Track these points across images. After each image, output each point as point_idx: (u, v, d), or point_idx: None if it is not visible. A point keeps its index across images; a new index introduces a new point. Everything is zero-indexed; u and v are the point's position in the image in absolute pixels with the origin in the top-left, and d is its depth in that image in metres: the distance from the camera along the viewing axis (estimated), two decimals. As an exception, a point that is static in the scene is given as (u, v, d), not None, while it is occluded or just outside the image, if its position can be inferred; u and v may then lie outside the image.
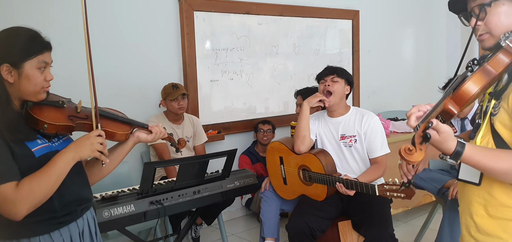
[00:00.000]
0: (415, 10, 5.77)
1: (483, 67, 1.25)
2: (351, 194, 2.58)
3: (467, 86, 1.24)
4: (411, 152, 1.23)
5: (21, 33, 1.47)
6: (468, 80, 1.24)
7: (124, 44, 3.66)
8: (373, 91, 5.43)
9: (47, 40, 1.52)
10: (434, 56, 6.01)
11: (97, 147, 1.53)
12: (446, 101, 1.26)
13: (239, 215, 4.44)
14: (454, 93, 1.26)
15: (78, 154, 1.49)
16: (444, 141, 1.24)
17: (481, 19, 1.33)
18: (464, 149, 1.24)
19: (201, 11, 3.97)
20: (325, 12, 4.83)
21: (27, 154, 1.45)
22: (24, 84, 1.45)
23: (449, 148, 1.24)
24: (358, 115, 2.86)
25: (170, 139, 1.98)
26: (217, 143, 4.15)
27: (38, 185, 1.40)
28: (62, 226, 1.54)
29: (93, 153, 1.52)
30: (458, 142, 1.25)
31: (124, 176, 3.23)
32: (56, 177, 1.44)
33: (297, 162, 2.93)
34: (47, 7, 3.27)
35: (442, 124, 1.24)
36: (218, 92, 4.17)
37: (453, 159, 1.25)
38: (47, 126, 1.49)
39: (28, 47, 1.45)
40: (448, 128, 1.24)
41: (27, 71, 1.44)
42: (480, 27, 1.34)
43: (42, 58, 1.47)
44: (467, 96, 1.24)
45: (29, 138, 1.48)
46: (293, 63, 4.65)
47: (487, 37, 1.34)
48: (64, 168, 1.46)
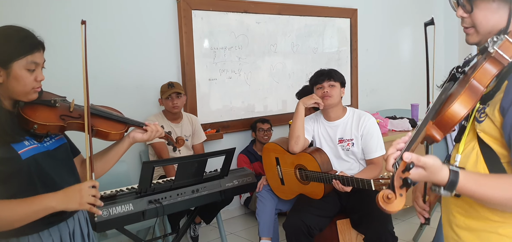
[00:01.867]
0: (413, 9, 5.77)
1: (469, 84, 1.11)
2: (347, 190, 2.59)
3: (453, 110, 1.09)
4: (390, 200, 1.02)
5: (11, 32, 1.44)
6: (455, 102, 1.09)
7: (122, 43, 3.65)
8: (372, 89, 5.44)
9: (40, 40, 1.48)
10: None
11: (88, 199, 1.44)
12: (428, 127, 1.11)
13: (237, 214, 4.44)
14: (437, 116, 1.11)
15: (61, 206, 1.42)
16: (433, 174, 1.08)
17: (468, 11, 1.23)
18: (458, 178, 1.08)
19: (199, 10, 3.97)
20: (323, 11, 4.83)
21: (12, 156, 1.42)
22: (12, 85, 1.42)
23: (441, 179, 1.09)
24: (355, 118, 2.85)
25: (168, 137, 1.95)
26: (216, 141, 4.15)
27: (3, 212, 1.36)
28: (51, 226, 1.52)
29: (82, 206, 1.44)
30: (450, 171, 1.08)
31: (123, 175, 3.23)
32: (23, 215, 1.38)
33: (293, 162, 2.93)
34: (45, 7, 3.26)
35: (425, 158, 1.05)
36: (216, 91, 4.17)
37: (448, 190, 1.09)
38: (37, 126, 1.47)
39: (16, 47, 1.41)
40: (434, 159, 1.06)
41: (16, 71, 1.41)
42: (465, 20, 1.24)
43: (32, 59, 1.43)
44: (452, 121, 1.10)
45: (15, 139, 1.44)
46: (292, 61, 4.65)
47: (472, 32, 1.25)
48: (37, 212, 1.40)
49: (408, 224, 4.03)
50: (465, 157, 1.24)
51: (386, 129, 4.24)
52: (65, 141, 1.65)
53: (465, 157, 1.24)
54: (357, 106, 5.19)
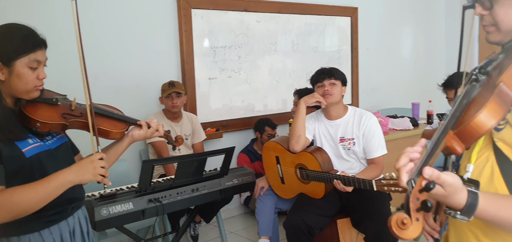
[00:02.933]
0: (413, 7, 5.76)
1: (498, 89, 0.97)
2: (349, 190, 2.58)
3: (479, 120, 0.94)
4: (405, 226, 0.87)
5: (14, 30, 1.44)
6: (482, 111, 0.94)
7: (122, 42, 3.65)
8: (372, 88, 5.43)
9: (42, 38, 1.48)
10: (433, 53, 6.01)
11: (99, 171, 1.48)
12: (448, 137, 0.97)
13: (238, 213, 4.44)
14: (459, 126, 0.98)
15: (78, 178, 1.45)
16: (450, 195, 0.95)
17: (487, 8, 1.12)
18: (478, 201, 0.95)
19: (199, 9, 3.96)
20: (324, 9, 4.82)
21: (16, 154, 1.42)
22: (15, 83, 1.43)
23: (459, 202, 0.96)
24: (356, 117, 2.84)
25: (167, 136, 1.96)
26: (216, 140, 4.14)
27: (20, 197, 1.36)
28: (52, 225, 1.53)
29: (95, 177, 1.48)
30: (469, 193, 0.96)
31: (123, 174, 3.23)
32: (44, 194, 1.39)
33: (293, 161, 2.92)
34: (46, 4, 3.26)
35: (445, 175, 0.92)
36: (216, 90, 4.16)
37: (465, 216, 0.96)
38: (40, 125, 1.47)
39: (19, 45, 1.42)
40: (454, 178, 0.93)
41: (18, 69, 1.41)
42: (485, 18, 1.13)
43: (34, 57, 1.44)
44: (478, 134, 0.95)
45: (19, 137, 1.45)
46: (292, 60, 4.64)
47: (493, 30, 1.13)
48: (57, 188, 1.42)
49: (408, 223, 4.01)
50: (478, 169, 1.12)
51: (387, 127, 4.23)
52: (66, 140, 1.66)
53: (478, 169, 1.12)
54: (358, 105, 5.18)
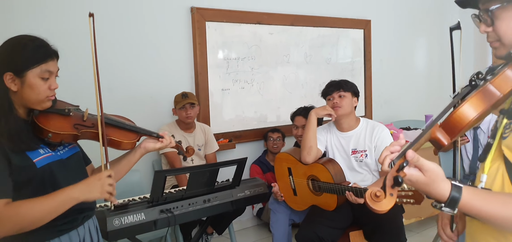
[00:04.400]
0: (427, 19, 5.73)
1: (484, 87, 1.04)
2: (361, 202, 2.56)
3: (461, 112, 1.01)
4: (378, 198, 0.95)
5: (26, 41, 1.46)
6: (464, 104, 1.02)
7: (137, 54, 3.70)
8: (385, 100, 5.40)
9: (54, 49, 1.50)
10: (447, 65, 5.93)
11: (107, 188, 1.47)
12: (434, 129, 1.03)
13: (250, 225, 4.42)
14: (445, 119, 1.04)
15: (84, 195, 1.44)
16: (431, 183, 0.98)
17: (490, 25, 1.15)
18: (461, 194, 0.98)
19: (213, 22, 4.00)
20: (337, 22, 4.82)
21: (28, 164, 1.43)
22: (27, 93, 1.44)
23: (441, 193, 0.99)
24: (369, 129, 2.83)
25: (178, 146, 1.95)
26: (228, 151, 4.15)
27: (26, 211, 1.36)
28: (62, 234, 1.52)
29: (102, 195, 1.46)
30: (452, 185, 0.99)
31: (136, 184, 3.25)
32: (49, 209, 1.39)
33: (305, 172, 2.91)
34: (60, 18, 3.32)
35: (425, 160, 0.97)
36: (229, 101, 4.18)
37: (449, 208, 0.99)
38: (51, 135, 1.48)
39: (31, 56, 1.43)
40: (435, 166, 0.98)
41: (30, 80, 1.43)
42: (490, 34, 1.16)
43: (46, 67, 1.45)
44: (460, 125, 1.01)
45: (30, 147, 1.45)
46: (305, 72, 4.65)
47: (498, 45, 1.16)
48: (63, 204, 1.41)
49: (422, 236, 3.96)
50: (490, 179, 1.14)
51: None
52: (78, 150, 1.67)
53: (490, 178, 1.14)
54: (371, 117, 5.15)
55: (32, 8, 3.21)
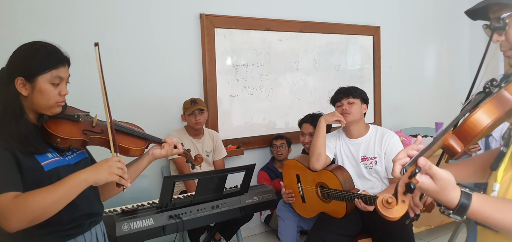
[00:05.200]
0: (437, 26, 5.70)
1: (498, 94, 1.02)
2: (370, 209, 2.54)
3: (474, 119, 1.00)
4: (390, 205, 0.94)
5: (38, 47, 1.47)
6: (477, 110, 1.00)
7: (146, 60, 3.72)
8: (395, 107, 5.37)
9: (65, 56, 1.52)
10: (457, 72, 5.91)
11: (116, 170, 1.47)
12: (447, 136, 1.03)
13: (258, 231, 4.41)
14: (458, 126, 1.03)
15: (92, 177, 1.43)
16: (441, 190, 0.97)
17: (501, 33, 1.14)
18: (470, 201, 0.97)
19: (222, 28, 4.01)
20: (346, 29, 4.82)
21: (36, 167, 1.44)
22: (37, 98, 1.46)
23: (451, 200, 0.98)
24: (378, 135, 2.82)
25: (186, 154, 1.94)
26: (236, 158, 4.15)
27: (35, 200, 1.35)
28: (68, 239, 1.52)
29: (111, 175, 1.46)
30: (462, 193, 0.98)
31: (145, 190, 3.26)
32: (59, 195, 1.38)
33: (314, 179, 2.90)
34: (71, 23, 3.35)
35: (437, 168, 0.96)
36: (237, 108, 4.18)
37: (458, 215, 0.98)
38: (60, 140, 1.49)
39: (42, 62, 1.45)
40: (447, 174, 0.97)
41: (40, 85, 1.45)
42: (503, 43, 1.16)
43: (56, 73, 1.47)
44: (473, 132, 1.00)
45: (39, 151, 1.47)
46: (313, 79, 4.64)
47: (511, 54, 1.16)
48: (72, 189, 1.40)
49: (432, 245, 3.92)
50: (503, 187, 1.13)
51: (409, 147, 4.16)
52: (86, 155, 1.67)
53: (503, 187, 1.13)
54: (381, 124, 5.12)
55: (43, 14, 3.25)
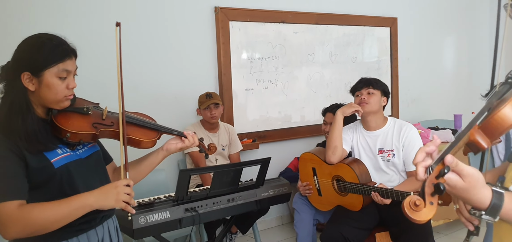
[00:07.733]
0: (455, 16, 5.59)
1: None
2: (387, 202, 2.52)
3: (503, 113, 0.94)
4: (417, 208, 0.87)
5: (43, 40, 1.42)
6: (506, 105, 0.94)
7: (161, 54, 3.73)
8: (413, 100, 5.30)
9: (72, 47, 1.47)
10: (477, 63, 5.79)
11: (123, 197, 1.44)
12: (472, 131, 0.97)
13: (275, 224, 4.41)
14: (484, 121, 0.97)
15: (98, 203, 1.41)
16: (471, 189, 0.90)
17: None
18: (503, 201, 0.91)
19: (236, 21, 4.00)
20: (363, 20, 4.76)
21: (45, 165, 1.41)
22: (44, 93, 1.42)
23: (481, 200, 0.92)
24: (396, 128, 2.77)
25: (200, 144, 1.89)
26: (252, 151, 4.15)
27: (39, 214, 1.33)
28: (80, 233, 1.50)
29: (118, 203, 1.44)
30: (493, 192, 0.92)
31: (161, 183, 3.28)
32: (63, 215, 1.37)
33: (330, 172, 2.88)
34: (83, 15, 3.38)
35: (465, 165, 0.89)
36: (253, 101, 4.17)
37: (490, 215, 0.92)
38: (70, 135, 1.46)
39: (48, 55, 1.40)
40: (475, 171, 0.90)
41: (47, 79, 1.41)
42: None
43: (63, 67, 1.43)
44: (502, 127, 0.95)
45: (48, 148, 1.43)
46: (330, 71, 4.60)
47: None
48: (76, 210, 1.39)
49: (451, 238, 3.87)
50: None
51: (428, 140, 4.10)
52: (97, 148, 1.64)
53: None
54: (398, 116, 5.06)
55: (62, 8, 3.28)
